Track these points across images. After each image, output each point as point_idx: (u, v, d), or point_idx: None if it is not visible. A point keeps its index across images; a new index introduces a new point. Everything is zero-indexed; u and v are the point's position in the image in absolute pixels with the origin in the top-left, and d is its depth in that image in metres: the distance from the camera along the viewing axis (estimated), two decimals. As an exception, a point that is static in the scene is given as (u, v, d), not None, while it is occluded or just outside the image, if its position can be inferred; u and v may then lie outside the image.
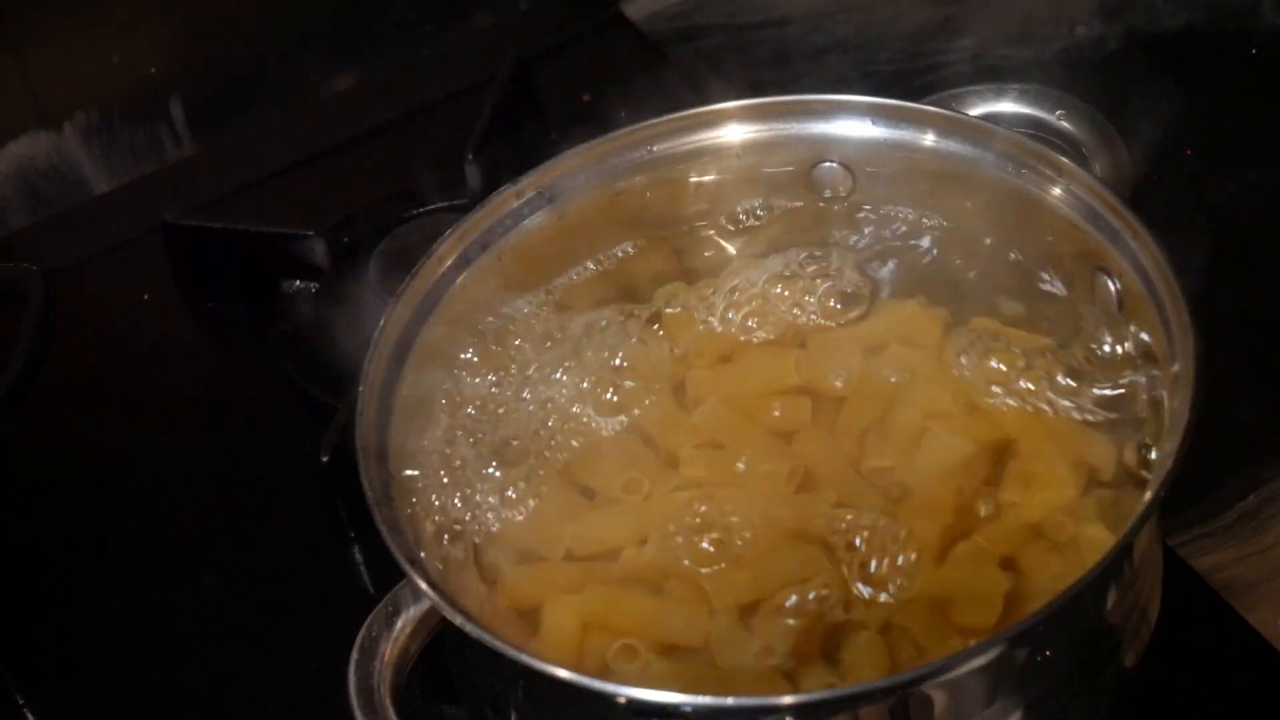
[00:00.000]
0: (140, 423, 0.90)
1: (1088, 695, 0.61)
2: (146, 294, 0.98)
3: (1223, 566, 0.75)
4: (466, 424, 0.70)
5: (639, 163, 0.73)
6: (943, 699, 0.56)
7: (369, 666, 0.59)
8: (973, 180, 0.71)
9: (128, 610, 0.81)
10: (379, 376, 0.66)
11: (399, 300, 0.68)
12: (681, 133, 0.73)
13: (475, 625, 0.56)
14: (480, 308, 0.72)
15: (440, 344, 0.70)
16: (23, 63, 1.01)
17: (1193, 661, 0.69)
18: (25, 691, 0.79)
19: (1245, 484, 0.78)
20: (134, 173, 1.06)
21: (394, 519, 0.61)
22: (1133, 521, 0.56)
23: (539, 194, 0.73)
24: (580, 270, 0.75)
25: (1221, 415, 0.63)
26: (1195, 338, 0.60)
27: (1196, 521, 0.77)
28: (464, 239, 0.71)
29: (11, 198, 1.04)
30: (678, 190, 0.75)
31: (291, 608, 0.79)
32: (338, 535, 0.81)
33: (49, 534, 0.85)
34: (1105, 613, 0.60)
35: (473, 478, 0.68)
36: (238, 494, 0.85)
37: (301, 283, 0.94)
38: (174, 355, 0.95)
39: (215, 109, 1.07)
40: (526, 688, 0.60)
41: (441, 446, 0.69)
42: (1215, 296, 0.64)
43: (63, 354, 0.82)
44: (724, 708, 0.55)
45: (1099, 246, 0.66)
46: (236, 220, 0.95)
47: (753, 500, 0.65)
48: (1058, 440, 0.65)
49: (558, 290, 0.74)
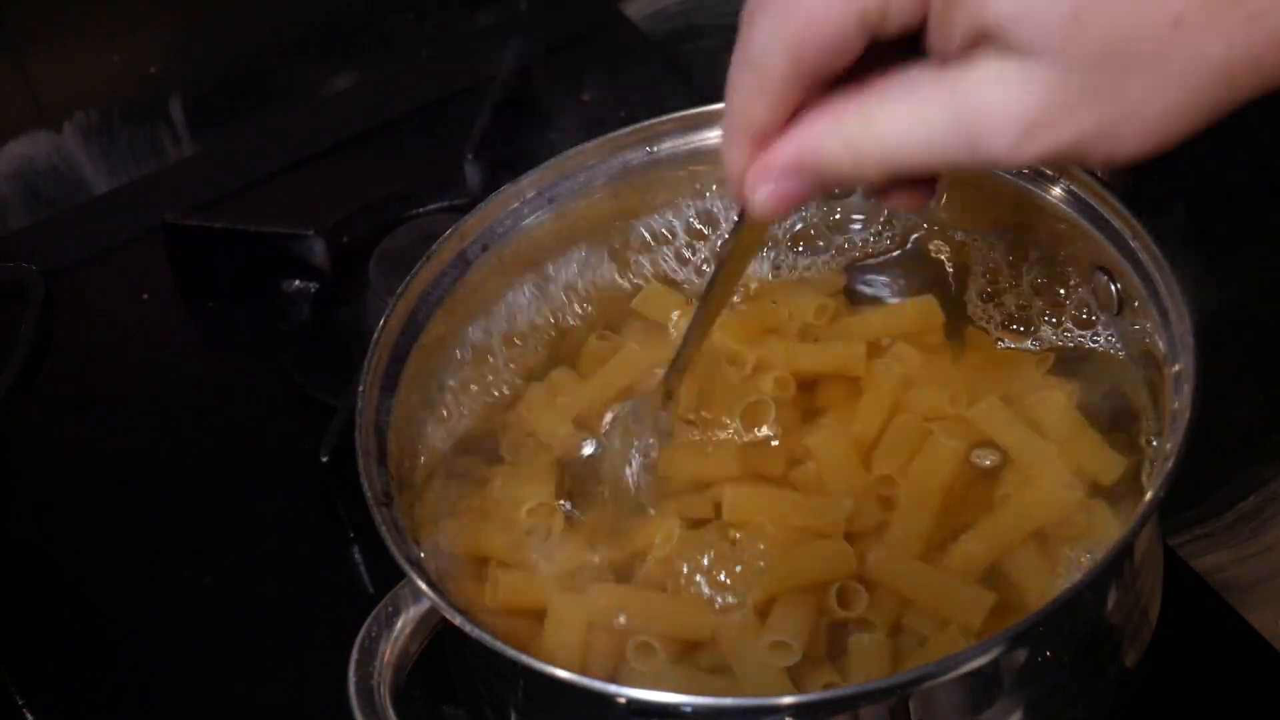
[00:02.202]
0: (140, 423, 0.90)
1: (1088, 695, 0.61)
2: (146, 294, 0.98)
3: (1223, 566, 0.75)
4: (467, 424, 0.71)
5: (639, 163, 0.73)
6: (943, 699, 0.56)
7: (369, 666, 0.58)
8: (972, 180, 0.71)
9: (128, 610, 0.81)
10: (379, 376, 0.66)
11: (399, 300, 0.68)
12: (681, 133, 0.73)
13: (475, 625, 0.56)
14: (480, 308, 0.72)
15: (440, 344, 0.70)
16: (23, 63, 1.01)
17: (1193, 661, 0.69)
18: (25, 691, 0.79)
19: (1245, 484, 0.78)
20: (134, 173, 1.06)
21: (394, 519, 0.61)
22: (1133, 522, 0.56)
23: (539, 194, 0.73)
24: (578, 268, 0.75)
25: (1221, 415, 0.62)
26: (1195, 338, 0.60)
27: (1196, 521, 0.77)
28: (464, 239, 0.71)
29: (11, 198, 1.04)
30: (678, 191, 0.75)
31: (291, 608, 0.79)
32: (338, 535, 0.81)
33: (49, 534, 0.85)
34: (1105, 613, 0.60)
35: (473, 478, 0.68)
36: (238, 494, 0.85)
37: (301, 283, 0.94)
38: (174, 355, 0.95)
39: (215, 109, 1.08)
40: (526, 688, 0.60)
41: (441, 447, 0.69)
42: (1215, 297, 0.64)
43: (63, 354, 0.82)
44: (724, 708, 0.55)
45: (1099, 246, 0.66)
46: (236, 220, 0.95)
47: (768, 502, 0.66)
48: (1059, 442, 0.65)
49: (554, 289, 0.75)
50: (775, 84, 0.48)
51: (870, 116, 0.47)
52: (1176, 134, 0.45)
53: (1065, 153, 0.45)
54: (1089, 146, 0.45)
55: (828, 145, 0.48)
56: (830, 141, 0.48)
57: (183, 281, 0.97)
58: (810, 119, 0.48)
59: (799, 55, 0.47)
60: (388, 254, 0.90)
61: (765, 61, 0.48)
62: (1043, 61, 0.44)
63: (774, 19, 0.47)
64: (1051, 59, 0.44)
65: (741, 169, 0.50)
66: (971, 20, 0.44)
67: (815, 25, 0.46)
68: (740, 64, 0.49)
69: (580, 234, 0.74)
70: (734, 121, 0.50)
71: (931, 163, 0.47)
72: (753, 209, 0.51)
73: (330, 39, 1.09)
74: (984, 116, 0.45)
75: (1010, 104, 0.45)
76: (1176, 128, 0.45)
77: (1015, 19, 0.43)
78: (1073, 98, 0.44)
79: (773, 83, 0.48)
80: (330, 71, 1.10)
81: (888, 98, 0.47)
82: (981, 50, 0.45)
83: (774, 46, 0.47)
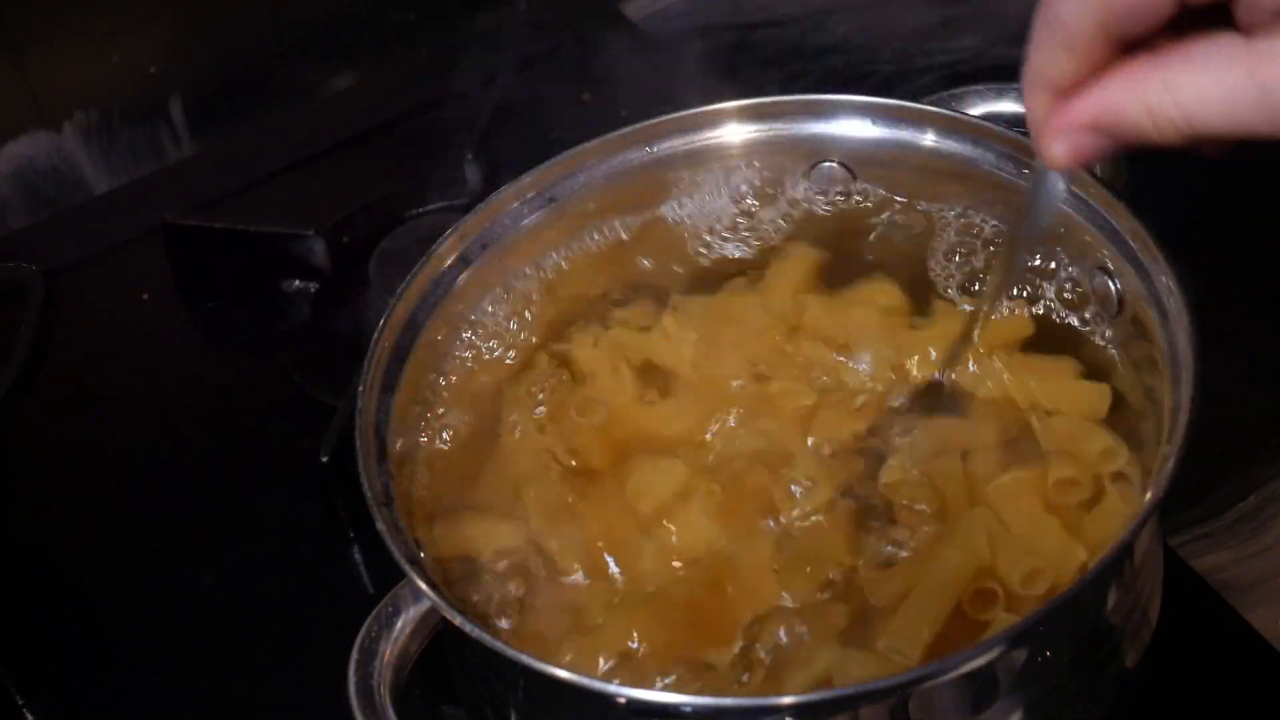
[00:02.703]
0: (140, 423, 0.90)
1: (1088, 695, 0.61)
2: (146, 294, 0.98)
3: (1223, 566, 0.75)
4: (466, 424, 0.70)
5: (639, 163, 0.73)
6: (943, 699, 0.56)
7: (369, 666, 0.58)
8: (973, 180, 0.71)
9: (128, 610, 0.81)
10: (379, 376, 0.66)
11: (399, 300, 0.68)
12: (681, 133, 0.73)
13: (475, 625, 0.56)
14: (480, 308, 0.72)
15: (440, 344, 0.70)
16: (23, 63, 1.01)
17: (1193, 661, 0.69)
18: (25, 691, 0.79)
19: (1245, 484, 0.78)
20: (134, 173, 1.07)
21: (394, 519, 0.61)
22: (1133, 522, 0.56)
23: (539, 194, 0.73)
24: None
25: (1221, 415, 0.62)
26: (1195, 338, 0.60)
27: (1196, 521, 0.77)
28: (464, 239, 0.71)
29: (11, 198, 1.04)
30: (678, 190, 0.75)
31: (291, 608, 0.79)
32: (338, 535, 0.81)
33: (49, 534, 0.85)
34: (1105, 613, 0.60)
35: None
36: (238, 494, 0.85)
37: (301, 283, 0.94)
38: (174, 355, 0.95)
39: (215, 109, 1.08)
40: (526, 688, 0.60)
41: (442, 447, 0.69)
42: (1216, 296, 0.64)
43: (63, 354, 0.82)
44: (724, 708, 0.55)
45: (1099, 246, 0.66)
46: (236, 220, 0.95)
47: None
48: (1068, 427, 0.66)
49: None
50: (1081, 41, 0.49)
51: (1173, 82, 0.48)
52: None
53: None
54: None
55: (1129, 107, 0.49)
56: (1132, 103, 0.49)
57: (183, 281, 0.97)
58: (1113, 80, 0.50)
59: (1108, 17, 0.48)
60: (388, 254, 0.90)
61: (1073, 19, 0.49)
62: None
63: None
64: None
65: (1042, 118, 0.52)
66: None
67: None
68: (1045, 21, 0.50)
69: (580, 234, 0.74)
70: (1035, 71, 0.51)
71: (1232, 131, 0.48)
72: (1051, 159, 0.52)
73: (330, 39, 1.10)
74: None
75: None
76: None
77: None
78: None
79: (1079, 40, 0.49)
80: (330, 71, 1.10)
81: (1192, 64, 0.48)
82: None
83: (1083, 7, 0.49)
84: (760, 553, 0.64)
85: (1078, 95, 0.51)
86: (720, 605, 0.63)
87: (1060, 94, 0.51)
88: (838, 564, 0.63)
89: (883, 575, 0.62)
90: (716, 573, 0.64)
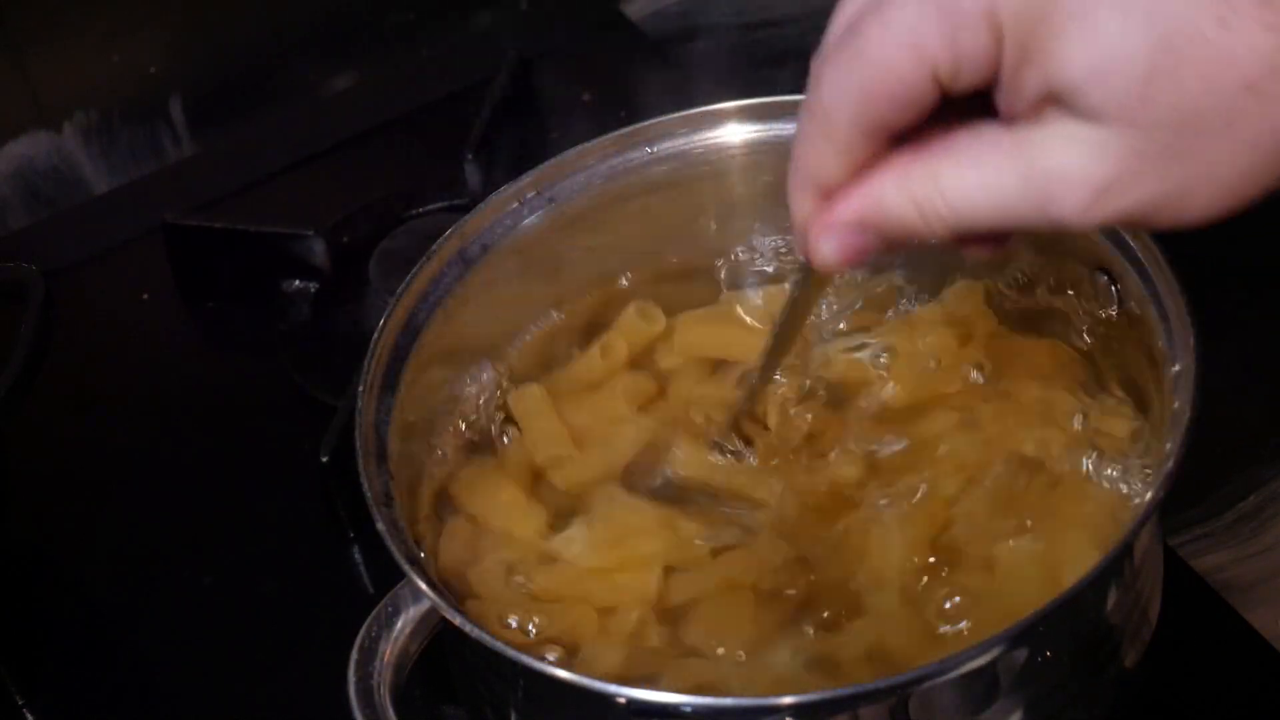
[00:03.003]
0: (140, 422, 0.90)
1: (1088, 695, 0.61)
2: (146, 294, 0.97)
3: (1223, 566, 0.75)
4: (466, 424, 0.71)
5: (639, 163, 0.73)
6: (943, 699, 0.56)
7: (369, 666, 0.58)
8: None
9: (128, 610, 0.81)
10: (379, 376, 0.66)
11: (399, 300, 0.68)
12: (681, 133, 0.73)
13: (475, 625, 0.56)
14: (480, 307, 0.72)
15: (440, 344, 0.70)
16: (23, 63, 1.01)
17: (1193, 661, 0.69)
18: (25, 691, 0.79)
19: (1245, 484, 0.78)
20: (134, 173, 1.06)
21: (394, 519, 0.61)
22: (1133, 522, 0.56)
23: (539, 194, 0.73)
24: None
25: (1221, 415, 0.62)
26: (1195, 338, 0.60)
27: (1196, 521, 0.77)
28: (464, 239, 0.71)
29: (11, 198, 1.04)
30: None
31: (291, 608, 0.79)
32: (338, 535, 0.81)
33: (49, 534, 0.85)
34: (1105, 613, 0.60)
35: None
36: (238, 494, 0.85)
37: (301, 283, 0.94)
38: (174, 355, 0.95)
39: (215, 109, 1.07)
40: (526, 688, 0.60)
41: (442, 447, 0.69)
42: (1215, 296, 0.64)
43: (63, 354, 0.82)
44: (724, 708, 0.55)
45: (1099, 246, 0.66)
46: (236, 220, 0.95)
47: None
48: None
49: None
50: (842, 136, 0.47)
51: (938, 175, 0.47)
52: (1245, 198, 0.45)
53: (1134, 216, 0.45)
54: (1157, 210, 0.45)
55: (895, 202, 0.48)
56: (897, 199, 0.48)
57: (183, 281, 0.97)
58: (878, 175, 0.48)
59: (867, 109, 0.46)
60: (388, 254, 0.90)
61: (833, 113, 0.47)
62: (1114, 126, 0.43)
63: (844, 71, 0.47)
64: (1123, 123, 0.43)
65: (806, 218, 0.50)
66: (1043, 81, 0.44)
67: (885, 79, 0.46)
68: (808, 113, 0.48)
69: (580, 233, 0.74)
70: (800, 170, 0.49)
71: (1000, 223, 0.47)
72: (817, 260, 0.50)
73: (330, 39, 1.09)
74: (1054, 180, 0.45)
75: (1081, 168, 0.44)
76: (1246, 192, 0.45)
77: (1088, 82, 0.43)
78: (1143, 162, 0.44)
79: (840, 134, 0.47)
80: (330, 71, 1.10)
81: (956, 157, 0.47)
82: (1052, 111, 0.44)
83: (843, 98, 0.47)
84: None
85: (843, 192, 0.49)
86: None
87: (827, 191, 0.49)
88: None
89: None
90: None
